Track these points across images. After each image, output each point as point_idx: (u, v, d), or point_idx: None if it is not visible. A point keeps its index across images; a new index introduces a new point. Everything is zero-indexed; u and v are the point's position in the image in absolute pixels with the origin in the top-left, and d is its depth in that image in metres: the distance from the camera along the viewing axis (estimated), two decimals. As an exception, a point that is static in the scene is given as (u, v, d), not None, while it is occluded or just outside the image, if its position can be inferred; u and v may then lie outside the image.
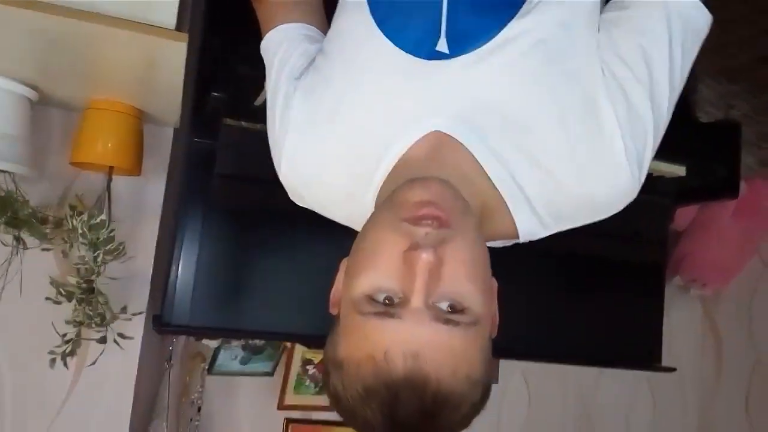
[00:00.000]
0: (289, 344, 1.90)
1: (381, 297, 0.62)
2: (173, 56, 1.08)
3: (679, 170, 1.73)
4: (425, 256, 0.60)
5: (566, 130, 0.72)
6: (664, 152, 1.70)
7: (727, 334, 2.60)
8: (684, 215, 2.21)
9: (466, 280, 0.63)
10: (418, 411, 0.60)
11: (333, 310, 0.71)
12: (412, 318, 0.60)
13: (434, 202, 0.64)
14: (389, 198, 0.70)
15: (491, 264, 0.70)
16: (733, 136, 1.84)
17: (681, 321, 2.47)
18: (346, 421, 0.66)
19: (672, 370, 2.00)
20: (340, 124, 0.79)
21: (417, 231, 0.62)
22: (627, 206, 0.79)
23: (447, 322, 0.61)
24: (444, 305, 0.62)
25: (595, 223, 0.82)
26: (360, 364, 0.61)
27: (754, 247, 2.43)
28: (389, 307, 0.62)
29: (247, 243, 1.57)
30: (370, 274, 0.63)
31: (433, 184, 0.66)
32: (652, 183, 1.77)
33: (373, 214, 0.72)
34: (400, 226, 0.63)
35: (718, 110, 1.92)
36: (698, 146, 1.80)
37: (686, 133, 1.80)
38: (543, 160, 0.73)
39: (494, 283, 0.71)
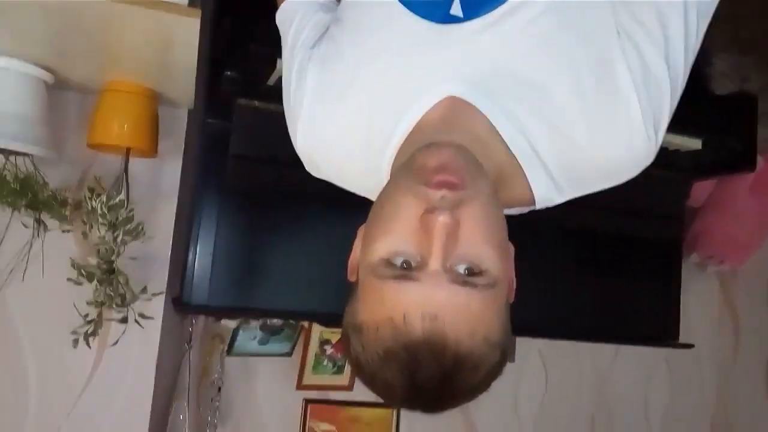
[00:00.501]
0: (306, 324, 1.92)
1: (399, 261, 0.63)
2: (187, 33, 1.09)
3: (695, 143, 1.72)
4: (442, 219, 0.60)
5: (581, 93, 0.72)
6: (679, 125, 1.71)
7: (745, 310, 2.58)
8: (700, 190, 2.18)
9: (483, 243, 0.63)
10: (438, 372, 0.60)
11: (351, 277, 0.72)
12: (430, 280, 0.61)
13: (449, 166, 0.64)
14: (405, 163, 0.70)
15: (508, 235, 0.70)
16: (749, 109, 1.82)
17: (698, 298, 2.46)
18: (368, 386, 0.67)
19: (690, 346, 1.99)
20: (354, 92, 0.79)
21: (433, 194, 0.62)
22: (643, 181, 0.78)
23: (465, 284, 0.61)
24: (461, 267, 0.62)
25: (611, 199, 0.81)
26: (379, 327, 0.62)
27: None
28: (407, 270, 0.62)
29: (264, 223, 1.59)
30: (388, 238, 0.64)
31: (448, 149, 0.66)
32: (668, 157, 1.76)
33: (390, 180, 0.72)
34: (417, 190, 0.64)
35: (733, 82, 1.90)
36: (714, 119, 1.78)
37: (701, 106, 1.79)
38: (558, 123, 0.73)
39: (511, 247, 0.72)
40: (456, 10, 0.74)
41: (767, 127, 1.98)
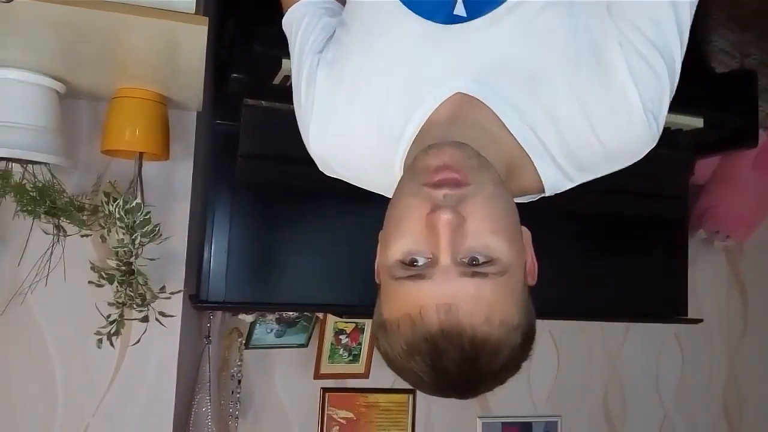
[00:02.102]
0: (321, 316, 1.96)
1: (412, 260, 0.66)
2: (194, 40, 1.12)
3: (697, 122, 1.74)
4: (445, 216, 0.63)
5: (581, 83, 0.74)
6: (680, 105, 1.73)
7: (752, 283, 2.61)
8: (704, 168, 2.20)
9: (490, 233, 0.66)
10: (459, 358, 0.63)
11: (378, 280, 0.75)
12: (442, 275, 0.64)
13: (449, 165, 0.67)
14: (410, 166, 0.73)
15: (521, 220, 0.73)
16: (749, 85, 1.83)
17: (706, 273, 2.49)
18: (403, 378, 0.71)
19: (698, 321, 2.02)
20: (363, 94, 0.82)
21: (436, 194, 0.66)
22: (647, 161, 0.80)
23: (475, 275, 0.64)
24: (471, 259, 0.65)
25: (617, 180, 0.83)
26: (399, 324, 0.66)
27: (776, 196, 2.42)
28: (420, 269, 0.65)
29: (276, 219, 1.62)
30: (400, 240, 0.67)
31: (446, 148, 0.69)
32: (670, 136, 1.77)
33: (398, 183, 0.75)
34: (421, 191, 0.67)
35: (733, 59, 1.91)
36: (715, 97, 1.80)
37: (702, 85, 1.81)
38: (562, 114, 0.76)
39: (526, 231, 0.75)
40: (459, 10, 0.76)
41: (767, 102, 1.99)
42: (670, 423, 2.47)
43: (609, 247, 1.96)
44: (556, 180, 0.80)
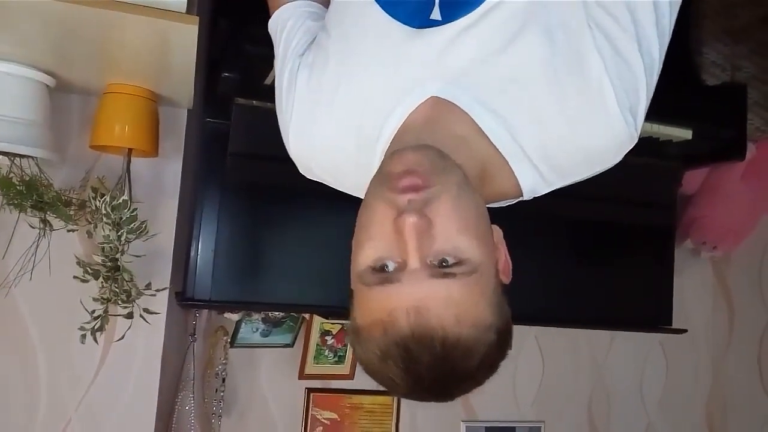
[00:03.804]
0: (307, 316, 1.96)
1: (381, 266, 0.67)
2: (185, 38, 1.12)
3: (686, 134, 1.75)
4: (410, 220, 0.64)
5: (558, 84, 0.74)
6: (670, 116, 1.73)
7: (739, 294, 2.62)
8: (693, 179, 2.22)
9: (457, 233, 0.66)
10: (432, 361, 0.64)
11: (352, 287, 0.75)
12: (411, 279, 0.64)
13: (411, 170, 0.67)
14: (377, 173, 0.74)
15: (506, 229, 0.73)
16: (739, 98, 1.85)
17: (693, 283, 2.50)
18: (378, 382, 0.71)
19: (683, 331, 2.03)
20: (342, 97, 0.82)
21: (401, 199, 0.66)
22: (636, 171, 0.80)
23: (443, 275, 0.65)
24: (439, 261, 0.66)
25: (606, 188, 0.83)
26: (371, 329, 0.66)
27: (764, 208, 2.44)
28: (390, 273, 0.66)
29: (264, 218, 1.62)
30: (369, 247, 0.68)
31: (408, 154, 0.69)
32: (659, 147, 1.79)
33: (366, 190, 0.75)
34: (386, 196, 0.67)
35: (724, 72, 1.92)
36: (705, 109, 1.81)
37: (692, 97, 1.82)
38: (539, 117, 0.76)
39: (497, 230, 0.75)
40: (436, 14, 0.77)
41: (757, 116, 2.01)
42: (653, 430, 2.49)
43: (596, 256, 1.97)
44: (534, 183, 0.79)
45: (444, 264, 0.65)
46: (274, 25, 0.93)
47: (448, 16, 0.76)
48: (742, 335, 2.62)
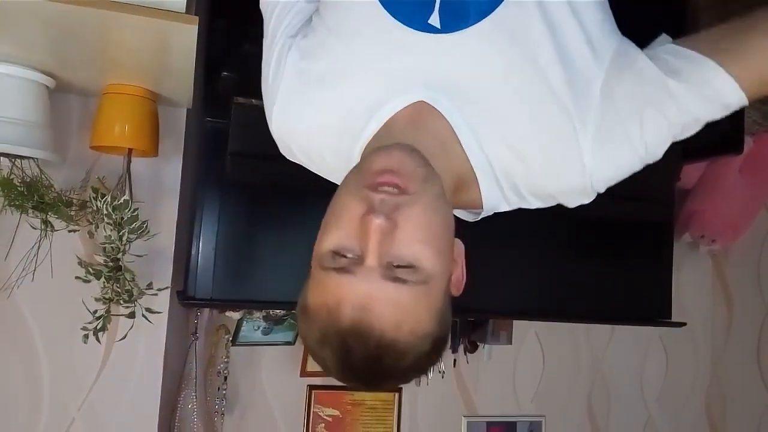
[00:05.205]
0: (308, 314, 1.96)
1: (341, 254, 0.68)
2: (185, 39, 1.12)
3: (683, 128, 1.75)
4: (377, 221, 0.65)
5: (540, 125, 0.76)
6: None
7: (737, 288, 2.64)
8: (690, 173, 2.23)
9: (418, 242, 0.68)
10: (365, 356, 0.66)
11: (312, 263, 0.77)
12: (364, 275, 0.66)
13: (394, 169, 0.69)
14: (358, 164, 0.76)
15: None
16: (736, 92, 1.85)
17: (692, 277, 2.52)
18: (314, 360, 0.74)
19: (682, 324, 2.04)
20: (330, 85, 0.83)
21: (373, 197, 0.68)
22: None
23: (395, 279, 0.67)
24: (395, 264, 0.67)
25: None
26: (317, 312, 0.69)
27: (762, 202, 2.45)
28: (347, 263, 0.68)
29: (264, 217, 1.63)
30: (333, 233, 0.69)
31: (396, 153, 0.71)
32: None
33: (344, 177, 0.76)
34: (360, 191, 0.69)
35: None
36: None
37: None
38: (517, 147, 0.78)
39: (459, 244, 0.77)
40: (434, 20, 0.77)
41: (755, 109, 2.01)
42: (653, 424, 2.50)
43: (595, 250, 1.98)
44: (494, 201, 0.82)
45: (399, 266, 0.67)
46: (265, 2, 0.93)
47: (447, 25, 0.77)
48: (741, 328, 2.64)
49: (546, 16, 0.75)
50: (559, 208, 0.85)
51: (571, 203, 0.81)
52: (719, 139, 1.87)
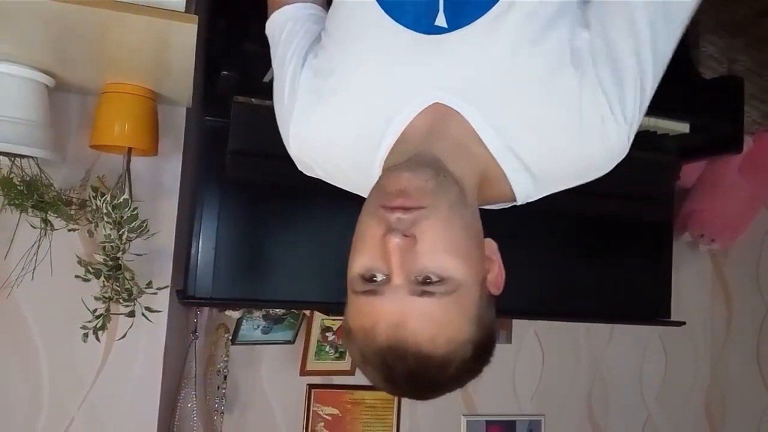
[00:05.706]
0: (308, 312, 1.96)
1: (371, 276, 0.70)
2: (184, 38, 1.12)
3: (683, 127, 1.76)
4: (395, 240, 0.67)
5: (558, 96, 0.76)
6: (667, 110, 1.74)
7: (737, 287, 2.64)
8: (690, 172, 2.22)
9: (443, 252, 0.69)
10: (406, 372, 0.68)
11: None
12: (393, 294, 0.68)
13: (404, 190, 0.70)
14: (376, 184, 0.76)
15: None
16: (736, 91, 1.85)
17: (691, 276, 2.51)
18: (365, 376, 0.76)
19: (681, 324, 2.04)
20: (344, 100, 0.83)
21: (390, 217, 0.69)
22: (633, 165, 0.82)
23: (423, 294, 0.68)
24: (421, 279, 0.69)
25: (603, 183, 0.85)
26: (356, 335, 0.71)
27: (762, 201, 2.45)
28: (377, 285, 0.69)
29: (264, 216, 1.63)
30: (360, 256, 0.71)
31: (403, 173, 0.72)
32: (656, 141, 1.79)
33: (366, 199, 0.77)
34: (377, 212, 0.71)
35: (721, 65, 1.93)
36: (701, 103, 1.82)
37: (689, 90, 1.82)
38: (537, 127, 0.77)
39: (490, 243, 0.78)
40: (441, 21, 0.77)
41: (754, 108, 2.01)
42: (652, 423, 2.50)
43: (594, 249, 1.98)
44: (527, 190, 0.82)
45: (427, 281, 0.68)
46: (272, 26, 0.93)
47: (454, 23, 0.77)
48: (740, 327, 2.64)
49: None
50: (559, 207, 0.85)
51: (605, 168, 0.80)
52: (719, 138, 1.87)
